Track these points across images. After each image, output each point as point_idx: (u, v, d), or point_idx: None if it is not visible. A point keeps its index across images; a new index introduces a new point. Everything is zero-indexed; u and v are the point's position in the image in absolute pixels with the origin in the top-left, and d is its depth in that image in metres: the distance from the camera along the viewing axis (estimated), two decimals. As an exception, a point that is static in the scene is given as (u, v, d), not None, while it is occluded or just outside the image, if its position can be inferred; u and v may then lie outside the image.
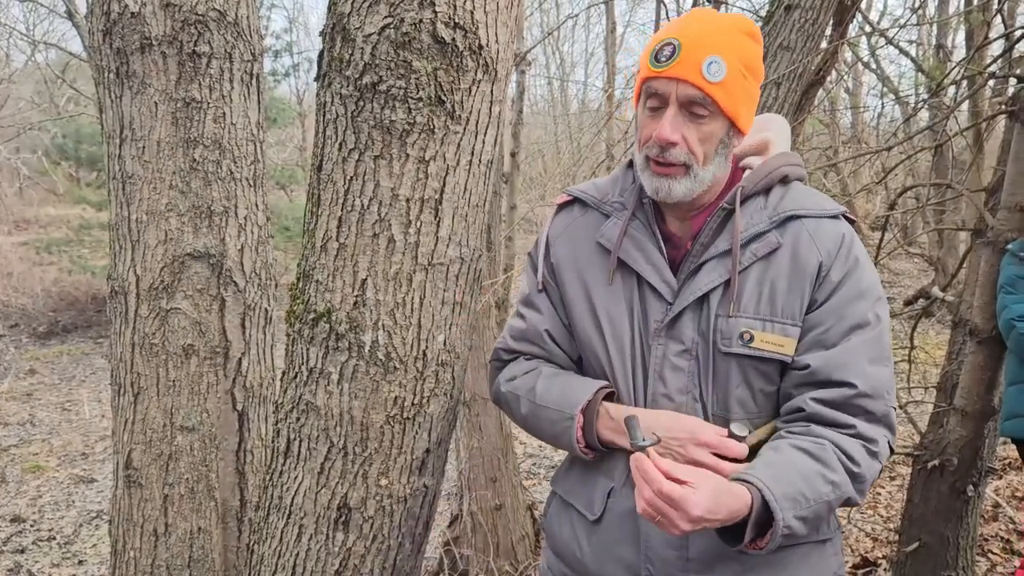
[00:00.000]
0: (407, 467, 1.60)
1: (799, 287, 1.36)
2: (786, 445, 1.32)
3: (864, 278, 1.36)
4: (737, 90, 1.33)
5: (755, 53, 1.37)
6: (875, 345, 1.34)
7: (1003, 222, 3.23)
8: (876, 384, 1.33)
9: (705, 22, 1.36)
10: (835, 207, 1.41)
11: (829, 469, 1.28)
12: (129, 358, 2.08)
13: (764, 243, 1.37)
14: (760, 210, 1.40)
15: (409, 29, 1.40)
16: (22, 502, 6.53)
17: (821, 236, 1.37)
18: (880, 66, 10.51)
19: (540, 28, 16.64)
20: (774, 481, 1.24)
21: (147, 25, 1.92)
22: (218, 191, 2.05)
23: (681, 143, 1.34)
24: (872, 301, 1.36)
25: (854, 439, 1.31)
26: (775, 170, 1.42)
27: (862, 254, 1.38)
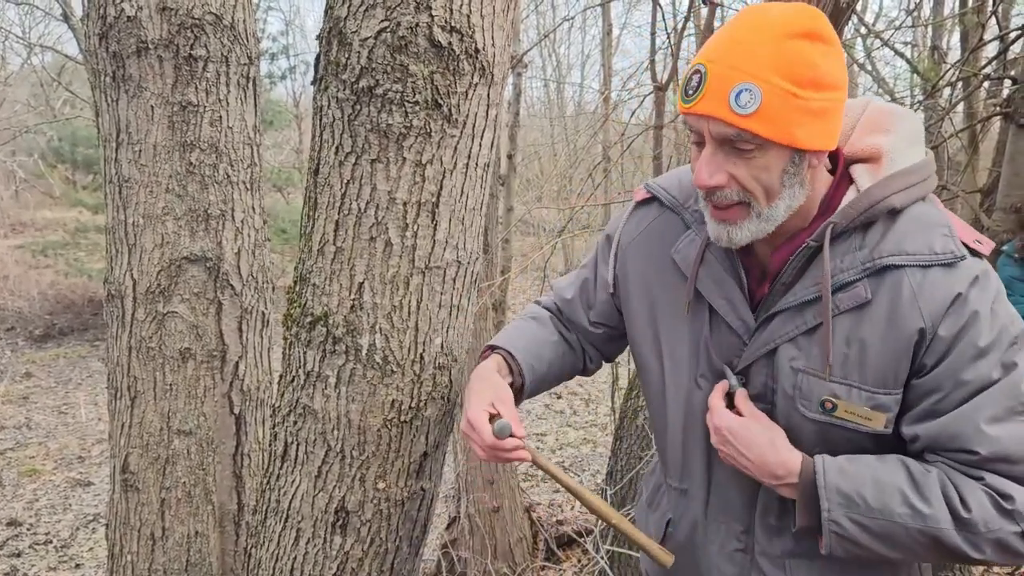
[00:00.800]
0: (405, 470, 1.60)
1: (894, 354, 1.15)
2: (894, 457, 1.19)
3: (985, 330, 1.11)
4: (783, 113, 1.09)
5: (814, 59, 1.09)
6: (1004, 399, 1.12)
7: (998, 223, 3.25)
8: (1009, 445, 1.11)
9: (741, 36, 1.12)
10: (949, 248, 1.13)
11: (918, 494, 1.13)
12: (126, 362, 2.08)
13: (851, 294, 1.16)
14: (854, 251, 1.17)
15: (405, 33, 1.40)
16: (18, 505, 6.52)
17: (927, 294, 1.13)
18: (875, 67, 10.53)
19: (536, 30, 16.66)
20: (839, 471, 1.17)
21: (143, 29, 1.92)
22: (215, 195, 2.05)
23: (729, 182, 1.16)
24: (1000, 352, 1.12)
25: (980, 485, 1.13)
26: (878, 202, 1.16)
27: (984, 301, 1.12)
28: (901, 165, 1.19)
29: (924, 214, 1.17)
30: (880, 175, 1.19)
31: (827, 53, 1.11)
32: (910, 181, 1.17)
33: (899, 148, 1.21)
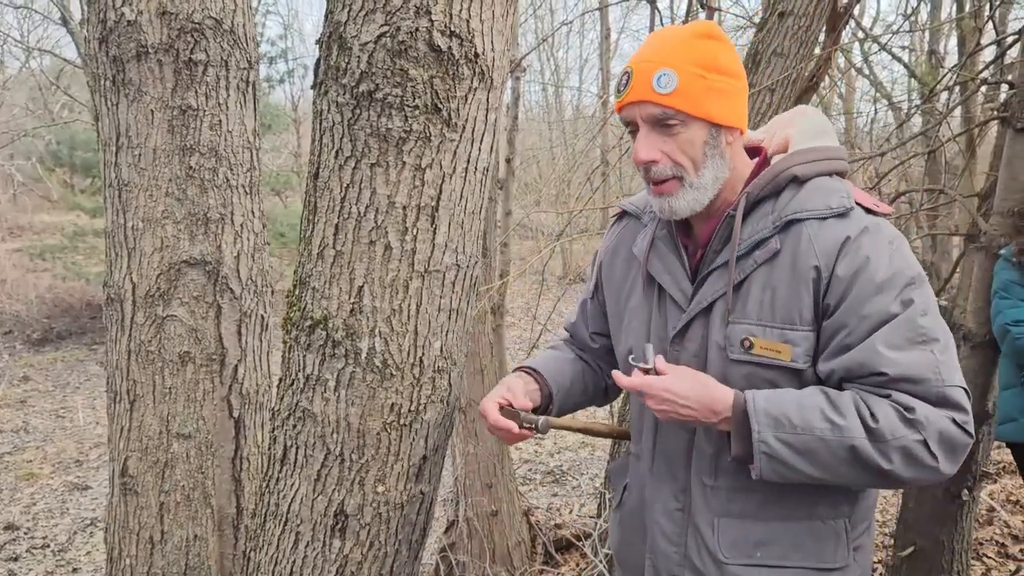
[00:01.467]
0: (404, 474, 1.61)
1: (796, 292, 1.33)
2: (813, 386, 1.35)
3: (880, 269, 1.28)
4: (697, 91, 1.34)
5: (715, 51, 1.37)
6: (903, 329, 1.27)
7: (996, 227, 3.25)
8: (910, 368, 1.27)
9: (656, 41, 1.40)
10: (843, 203, 1.33)
11: (835, 410, 1.28)
12: (125, 365, 2.08)
13: (765, 249, 1.36)
14: (767, 215, 1.38)
15: (405, 37, 1.41)
16: (16, 509, 6.51)
17: (821, 238, 1.32)
18: (873, 72, 10.55)
19: (535, 34, 16.68)
20: (765, 398, 1.32)
21: (143, 33, 1.93)
22: (214, 198, 2.05)
23: (662, 158, 1.38)
24: (898, 289, 1.28)
25: (886, 401, 1.28)
26: (781, 172, 1.38)
27: (877, 246, 1.30)
28: (805, 145, 1.43)
29: (827, 183, 1.38)
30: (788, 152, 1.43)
31: (726, 50, 1.39)
32: (810, 157, 1.40)
33: (803, 135, 1.44)
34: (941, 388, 1.27)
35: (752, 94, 3.25)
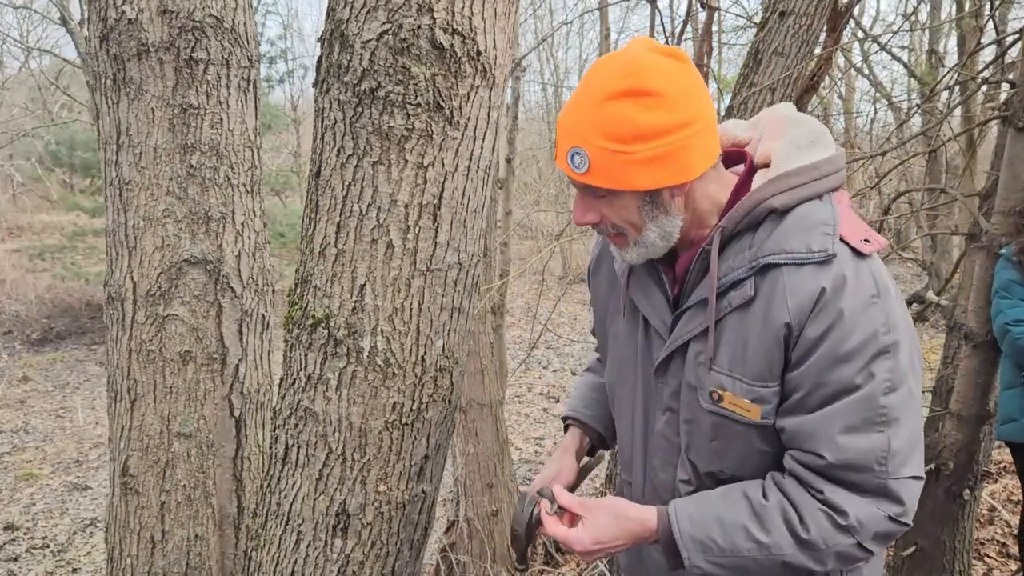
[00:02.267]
0: (406, 473, 1.60)
1: (766, 348, 1.22)
2: (738, 488, 1.29)
3: (852, 334, 1.15)
4: (614, 167, 1.20)
5: (631, 116, 1.18)
6: (860, 409, 1.17)
7: (997, 226, 3.25)
8: (855, 456, 1.18)
9: (575, 99, 1.25)
10: (825, 246, 1.18)
11: (760, 526, 1.23)
12: (126, 364, 2.07)
13: (740, 292, 1.24)
14: (744, 251, 1.25)
15: (407, 35, 1.40)
16: (15, 510, 6.50)
17: (795, 290, 1.18)
18: (873, 72, 10.56)
19: (534, 35, 16.70)
20: (689, 520, 1.27)
21: (144, 31, 1.92)
22: (215, 197, 2.05)
23: (601, 219, 1.31)
24: (864, 360, 1.16)
25: (818, 504, 1.21)
26: (759, 204, 1.24)
27: (854, 303, 1.16)
28: (787, 168, 1.24)
29: (810, 214, 1.22)
30: (771, 174, 1.25)
31: (650, 106, 1.17)
32: (792, 183, 1.23)
33: (788, 152, 1.26)
34: (884, 480, 1.19)
35: (753, 93, 3.25)
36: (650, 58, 1.19)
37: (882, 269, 1.22)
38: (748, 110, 3.26)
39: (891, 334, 1.16)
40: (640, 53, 1.20)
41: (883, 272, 1.22)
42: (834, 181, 1.27)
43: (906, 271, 13.56)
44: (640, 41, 1.24)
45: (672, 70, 1.20)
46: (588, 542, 1.32)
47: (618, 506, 1.34)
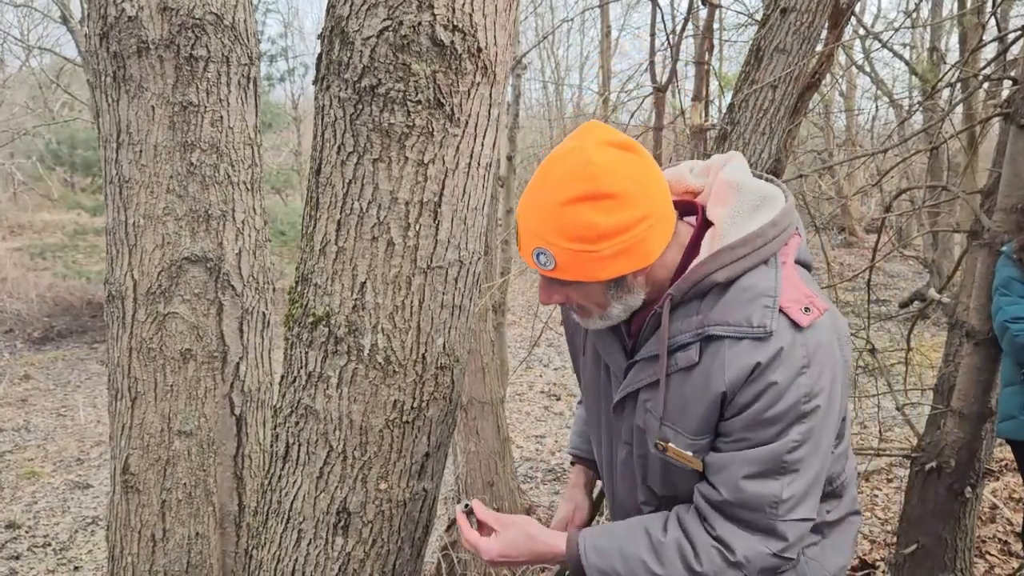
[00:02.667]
0: (407, 471, 1.60)
1: (705, 409, 1.32)
2: (641, 523, 1.41)
3: (778, 403, 1.25)
4: (581, 264, 1.27)
5: (591, 218, 1.23)
6: (765, 461, 1.29)
7: (999, 223, 3.24)
8: (749, 497, 1.30)
9: (533, 201, 1.29)
10: (765, 321, 1.25)
11: (657, 560, 1.34)
12: (127, 363, 2.07)
13: (686, 355, 1.32)
14: (692, 315, 1.32)
15: (408, 32, 1.40)
16: (17, 508, 6.51)
17: (732, 362, 1.27)
18: (874, 69, 10.54)
19: (535, 32, 16.68)
20: (595, 551, 1.39)
21: (144, 29, 1.92)
22: (216, 195, 2.05)
23: (567, 300, 1.38)
24: (783, 425, 1.27)
25: (711, 541, 1.33)
26: (704, 279, 1.30)
27: (785, 375, 1.25)
28: (731, 239, 1.30)
29: (753, 285, 1.29)
30: (715, 246, 1.31)
31: (610, 207, 1.23)
32: (736, 255, 1.29)
33: (733, 222, 1.32)
34: (773, 521, 1.30)
35: (754, 90, 3.24)
36: (605, 158, 1.23)
37: (818, 335, 1.28)
38: (749, 107, 3.26)
39: (812, 401, 1.26)
40: (594, 152, 1.24)
41: (819, 337, 1.28)
42: (779, 243, 1.32)
43: (907, 268, 13.55)
44: (594, 132, 1.28)
45: (626, 166, 1.25)
46: (495, 553, 1.46)
47: (531, 527, 1.47)
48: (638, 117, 7.95)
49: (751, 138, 3.26)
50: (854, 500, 1.55)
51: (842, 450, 1.47)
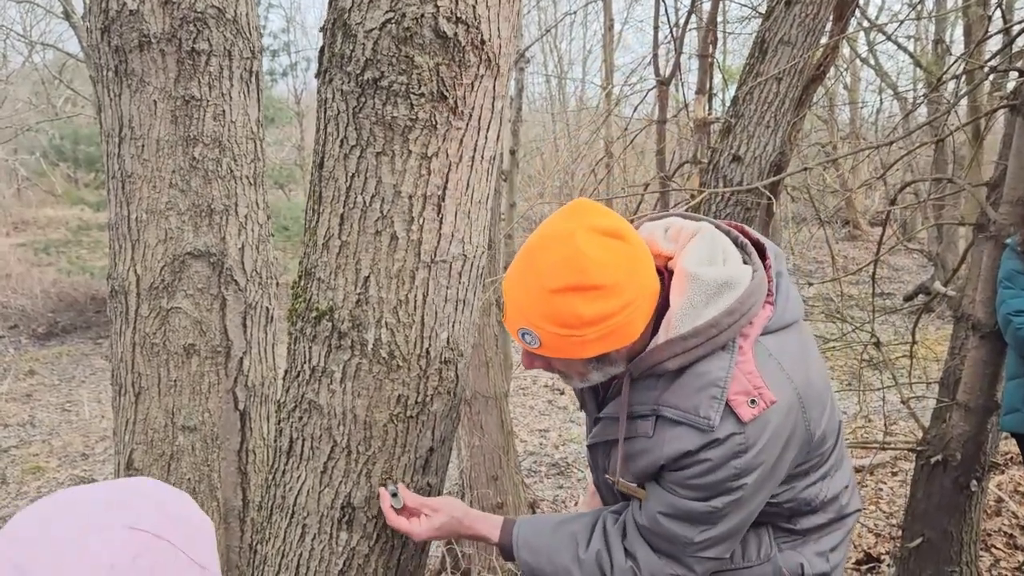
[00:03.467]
0: (411, 466, 1.59)
1: (648, 470, 1.43)
2: (570, 528, 1.53)
3: (706, 476, 1.34)
4: (564, 347, 1.32)
5: (575, 307, 1.28)
6: (687, 512, 1.39)
7: (1005, 216, 3.22)
8: (664, 532, 1.42)
9: (520, 280, 1.33)
10: (710, 415, 1.32)
11: (580, 572, 1.48)
12: (130, 358, 2.07)
13: (643, 427, 1.41)
14: (651, 390, 1.40)
15: (411, 24, 1.39)
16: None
17: (673, 444, 1.36)
18: (879, 61, 10.50)
19: (538, 26, 16.64)
20: (527, 549, 1.53)
21: (146, 23, 1.91)
22: (218, 189, 2.04)
23: (549, 367, 1.44)
24: (708, 494, 1.36)
25: (625, 557, 1.47)
26: (658, 364, 1.37)
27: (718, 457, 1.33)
28: (682, 330, 1.34)
29: (705, 373, 1.34)
30: (669, 334, 1.36)
31: (596, 298, 1.27)
32: (688, 346, 1.34)
33: (686, 313, 1.35)
34: (681, 556, 1.43)
35: (759, 83, 3.23)
36: (592, 248, 1.27)
37: (761, 426, 1.32)
38: (753, 100, 3.24)
39: (742, 479, 1.34)
40: (584, 242, 1.27)
41: (762, 427, 1.32)
42: (737, 328, 1.35)
43: (911, 262, 13.52)
44: (585, 216, 1.31)
45: (614, 255, 1.29)
46: (424, 536, 1.55)
47: (457, 511, 1.57)
48: (641, 110, 7.92)
49: (755, 131, 3.24)
50: (841, 508, 1.58)
51: (817, 477, 1.51)
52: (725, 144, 3.30)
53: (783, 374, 1.36)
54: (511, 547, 1.55)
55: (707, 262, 1.40)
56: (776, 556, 1.53)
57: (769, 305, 1.41)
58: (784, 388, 1.35)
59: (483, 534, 1.58)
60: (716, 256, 1.42)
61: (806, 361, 1.41)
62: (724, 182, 3.24)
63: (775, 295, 1.42)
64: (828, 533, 1.58)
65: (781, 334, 1.41)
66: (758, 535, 1.55)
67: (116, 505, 0.82)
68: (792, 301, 1.45)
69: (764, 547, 1.54)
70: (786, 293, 1.44)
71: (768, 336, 1.39)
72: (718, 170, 3.28)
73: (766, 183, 3.26)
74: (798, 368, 1.38)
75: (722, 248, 1.44)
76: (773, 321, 1.40)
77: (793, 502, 1.50)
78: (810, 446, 1.43)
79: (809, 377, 1.40)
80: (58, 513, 0.80)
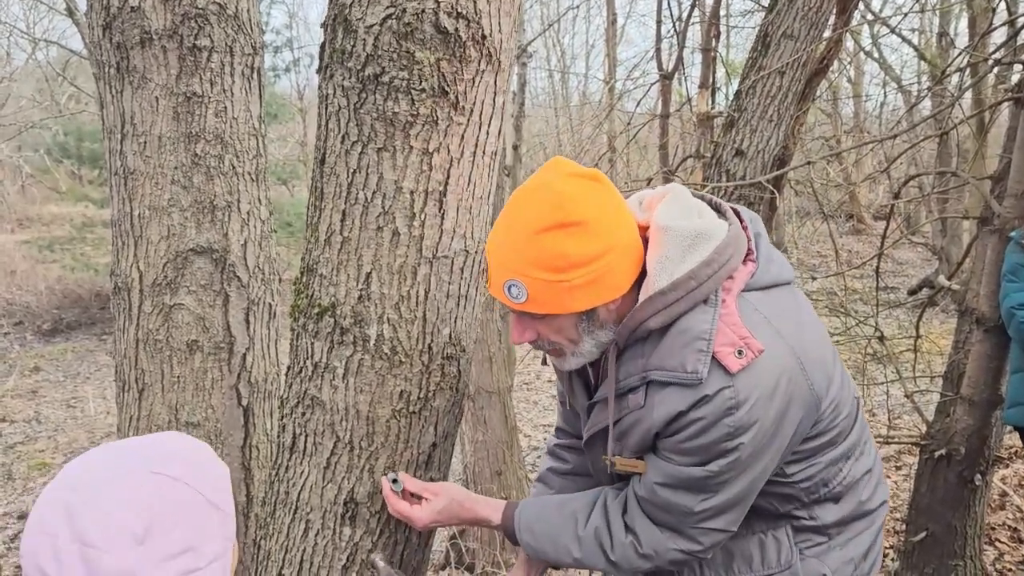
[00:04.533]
0: (414, 461, 1.60)
1: (644, 440, 1.41)
2: (571, 507, 1.53)
3: (699, 437, 1.32)
4: (552, 295, 1.30)
5: (562, 246, 1.26)
6: (684, 479, 1.37)
7: (1009, 209, 3.21)
8: (663, 502, 1.40)
9: (503, 236, 1.32)
10: (697, 367, 1.29)
11: (579, 549, 1.49)
12: (133, 354, 2.07)
13: (635, 400, 1.39)
14: (638, 358, 1.38)
15: (411, 19, 1.39)
16: (29, 499, 6.55)
17: (663, 406, 1.34)
18: (882, 55, 10.46)
19: (540, 20, 16.60)
20: (529, 533, 1.54)
21: (147, 19, 1.91)
22: (220, 186, 2.04)
23: (538, 337, 1.41)
24: (703, 458, 1.34)
25: (625, 532, 1.46)
26: (640, 325, 1.34)
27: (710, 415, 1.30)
28: (660, 284, 1.32)
29: (688, 328, 1.31)
30: (648, 292, 1.34)
31: (579, 234, 1.27)
32: (668, 300, 1.31)
33: (663, 267, 1.33)
34: (683, 527, 1.42)
35: (762, 77, 3.22)
36: (572, 187, 1.28)
37: (752, 377, 1.29)
38: (756, 94, 3.23)
39: (736, 439, 1.30)
40: (561, 183, 1.28)
41: (754, 379, 1.29)
42: (717, 280, 1.33)
43: (916, 256, 13.48)
44: (559, 166, 1.32)
45: (593, 195, 1.29)
46: (427, 520, 1.54)
47: (459, 494, 1.57)
48: (644, 105, 7.91)
49: (758, 125, 3.24)
50: (861, 503, 1.52)
51: (836, 455, 1.46)
52: (728, 138, 3.30)
53: (770, 327, 1.33)
54: (513, 530, 1.55)
55: (679, 216, 1.38)
56: (798, 565, 1.49)
57: (751, 262, 1.38)
58: (772, 339, 1.31)
59: (484, 517, 1.58)
60: (689, 212, 1.40)
61: (799, 322, 1.38)
62: (727, 176, 3.24)
63: (756, 253, 1.40)
64: (855, 534, 1.52)
65: (768, 292, 1.38)
66: (777, 537, 1.51)
67: (144, 454, 1.00)
68: (777, 263, 1.43)
69: (784, 552, 1.49)
70: (768, 254, 1.42)
71: (752, 292, 1.36)
72: (721, 164, 3.28)
73: (769, 177, 3.25)
74: (788, 325, 1.35)
75: (695, 206, 1.43)
76: (756, 279, 1.37)
77: (809, 481, 1.45)
78: (818, 411, 1.38)
79: (804, 337, 1.36)
80: (98, 460, 0.99)
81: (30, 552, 0.91)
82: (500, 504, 1.59)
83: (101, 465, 0.98)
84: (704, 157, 4.50)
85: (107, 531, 0.90)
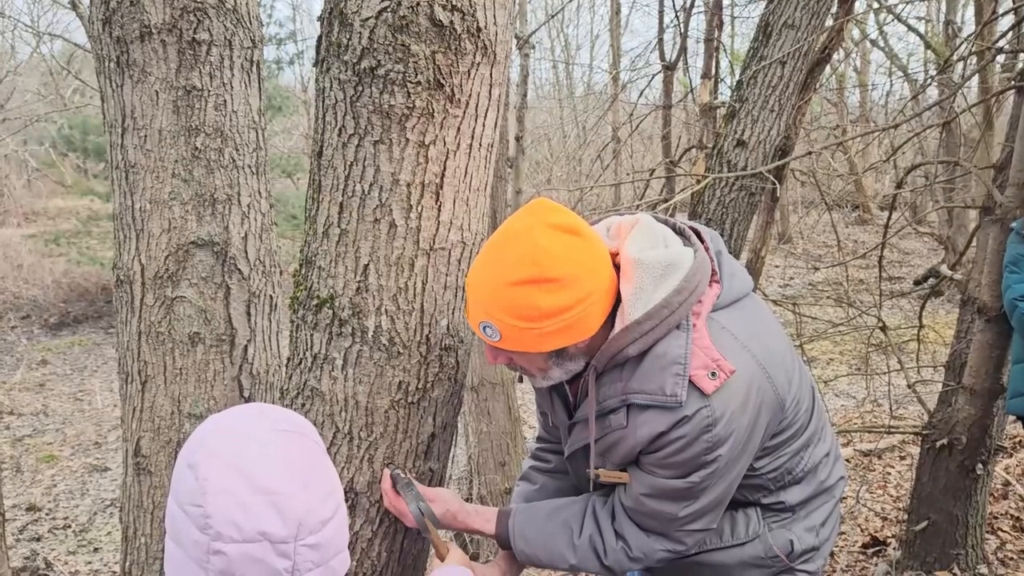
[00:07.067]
0: (413, 451, 1.61)
1: (628, 457, 1.50)
2: (563, 516, 1.61)
3: (679, 454, 1.40)
4: (523, 340, 1.36)
5: (534, 299, 1.31)
6: (666, 490, 1.46)
7: (1011, 199, 3.20)
8: (649, 511, 1.50)
9: (481, 276, 1.37)
10: (675, 391, 1.37)
11: (574, 555, 1.57)
12: (136, 347, 2.09)
13: (616, 420, 1.45)
14: (617, 382, 1.44)
15: (406, 12, 1.39)
16: (37, 491, 6.60)
17: (644, 427, 1.41)
18: (888, 43, 10.41)
19: (544, 11, 16.53)
20: (523, 540, 1.61)
21: (146, 13, 1.92)
22: (221, 179, 2.05)
23: (511, 362, 1.48)
24: (684, 471, 1.42)
25: (615, 537, 1.55)
26: (618, 352, 1.41)
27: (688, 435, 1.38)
28: (636, 315, 1.38)
29: (664, 353, 1.39)
30: (624, 321, 1.40)
31: (554, 289, 1.31)
32: (644, 329, 1.38)
33: (637, 297, 1.39)
34: (669, 531, 1.52)
35: (763, 67, 3.21)
36: (550, 242, 1.31)
37: (726, 396, 1.38)
38: (757, 84, 3.22)
39: (715, 452, 1.40)
40: (540, 235, 1.32)
41: (727, 397, 1.38)
42: (688, 306, 1.40)
43: (922, 245, 13.44)
44: (542, 213, 1.35)
45: (571, 249, 1.33)
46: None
47: (453, 505, 1.62)
48: (648, 95, 7.88)
49: (759, 115, 3.23)
50: (821, 483, 1.64)
51: (798, 446, 1.57)
52: (729, 129, 3.29)
53: (738, 344, 1.41)
54: (507, 538, 1.62)
55: (649, 247, 1.44)
56: (766, 534, 1.60)
57: (716, 284, 1.47)
58: (741, 357, 1.40)
59: (477, 528, 1.64)
60: (657, 241, 1.46)
61: (761, 330, 1.47)
62: (728, 167, 3.23)
63: (719, 273, 1.48)
64: (817, 507, 1.64)
65: (731, 308, 1.46)
66: (747, 514, 1.61)
67: (259, 417, 1.19)
68: (737, 277, 1.51)
69: (753, 525, 1.60)
70: (730, 270, 1.50)
71: (719, 312, 1.44)
72: (722, 155, 3.27)
73: (770, 168, 3.25)
74: (753, 337, 1.44)
75: (661, 234, 1.48)
76: (722, 298, 1.45)
77: (776, 471, 1.56)
78: (783, 412, 1.49)
79: (767, 344, 1.45)
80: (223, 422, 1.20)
81: (220, 508, 1.06)
82: (492, 514, 1.66)
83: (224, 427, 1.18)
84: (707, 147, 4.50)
85: (282, 481, 1.09)
